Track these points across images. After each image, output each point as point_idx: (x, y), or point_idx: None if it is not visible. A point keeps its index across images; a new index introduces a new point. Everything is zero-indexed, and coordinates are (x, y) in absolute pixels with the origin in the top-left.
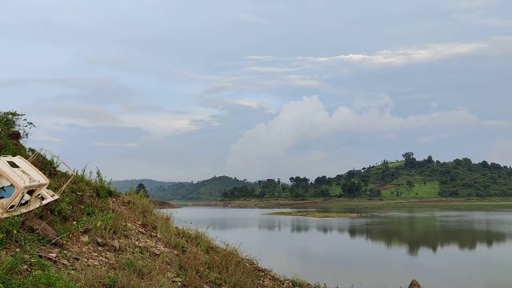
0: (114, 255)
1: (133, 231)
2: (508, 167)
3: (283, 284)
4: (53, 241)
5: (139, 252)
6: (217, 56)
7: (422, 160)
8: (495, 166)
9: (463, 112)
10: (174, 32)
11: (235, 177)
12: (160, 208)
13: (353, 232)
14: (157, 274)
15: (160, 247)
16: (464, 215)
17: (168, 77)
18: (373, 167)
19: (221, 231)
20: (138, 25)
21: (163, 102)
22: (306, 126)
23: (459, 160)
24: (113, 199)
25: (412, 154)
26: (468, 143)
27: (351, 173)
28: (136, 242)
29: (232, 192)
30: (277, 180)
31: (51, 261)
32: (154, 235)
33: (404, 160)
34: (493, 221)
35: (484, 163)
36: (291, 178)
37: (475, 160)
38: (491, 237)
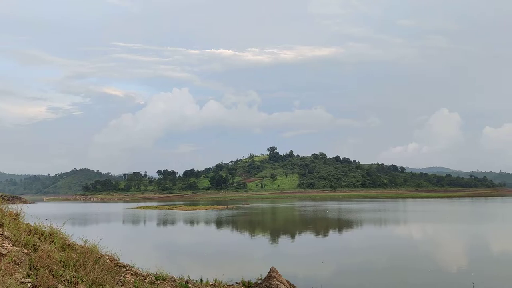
0: None
1: None
2: (357, 162)
3: (145, 279)
4: None
5: None
6: (81, 40)
7: (284, 154)
8: (346, 161)
9: (321, 110)
10: (32, 10)
11: (98, 170)
12: (9, 204)
13: (219, 224)
14: (3, 276)
15: (7, 246)
16: (319, 205)
17: (23, 59)
18: (240, 160)
19: (81, 227)
20: None
21: (16, 86)
22: (175, 119)
23: (316, 154)
24: None
25: (275, 148)
26: (324, 139)
27: (219, 166)
28: None
29: (94, 185)
30: (144, 173)
31: None
32: (1, 233)
33: (268, 154)
34: (343, 209)
35: (337, 158)
36: (159, 171)
37: (330, 154)
38: (341, 224)
